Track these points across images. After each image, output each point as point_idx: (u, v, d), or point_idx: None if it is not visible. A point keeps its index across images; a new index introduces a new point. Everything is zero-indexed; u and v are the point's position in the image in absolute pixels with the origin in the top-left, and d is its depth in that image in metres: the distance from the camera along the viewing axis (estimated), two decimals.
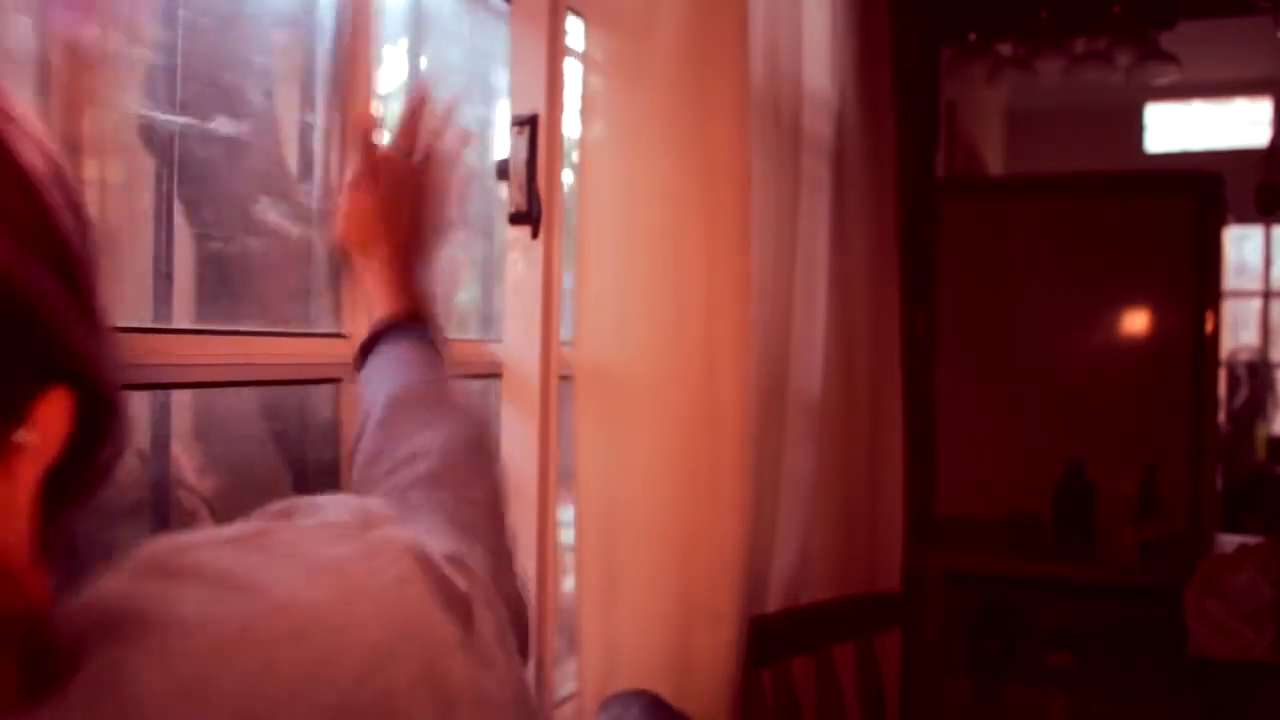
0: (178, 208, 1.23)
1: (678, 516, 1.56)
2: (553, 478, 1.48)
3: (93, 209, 1.07)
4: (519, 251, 1.47)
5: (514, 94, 1.47)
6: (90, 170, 1.06)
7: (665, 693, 1.50)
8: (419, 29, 1.78)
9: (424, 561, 0.49)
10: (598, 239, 1.49)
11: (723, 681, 1.64)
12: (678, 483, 1.56)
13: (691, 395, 1.57)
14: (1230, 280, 5.78)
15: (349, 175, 1.05)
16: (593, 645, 1.51)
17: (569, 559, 1.84)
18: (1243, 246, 6.28)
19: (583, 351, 1.51)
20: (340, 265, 1.29)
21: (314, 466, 1.36)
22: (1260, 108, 5.98)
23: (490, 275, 1.70)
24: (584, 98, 1.50)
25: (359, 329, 1.23)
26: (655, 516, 1.54)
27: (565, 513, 1.68)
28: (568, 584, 1.90)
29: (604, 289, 1.50)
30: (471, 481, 0.83)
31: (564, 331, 1.54)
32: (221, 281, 1.25)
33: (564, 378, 1.53)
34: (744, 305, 1.64)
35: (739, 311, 1.64)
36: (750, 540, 1.70)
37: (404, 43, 1.80)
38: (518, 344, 1.47)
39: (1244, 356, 5.89)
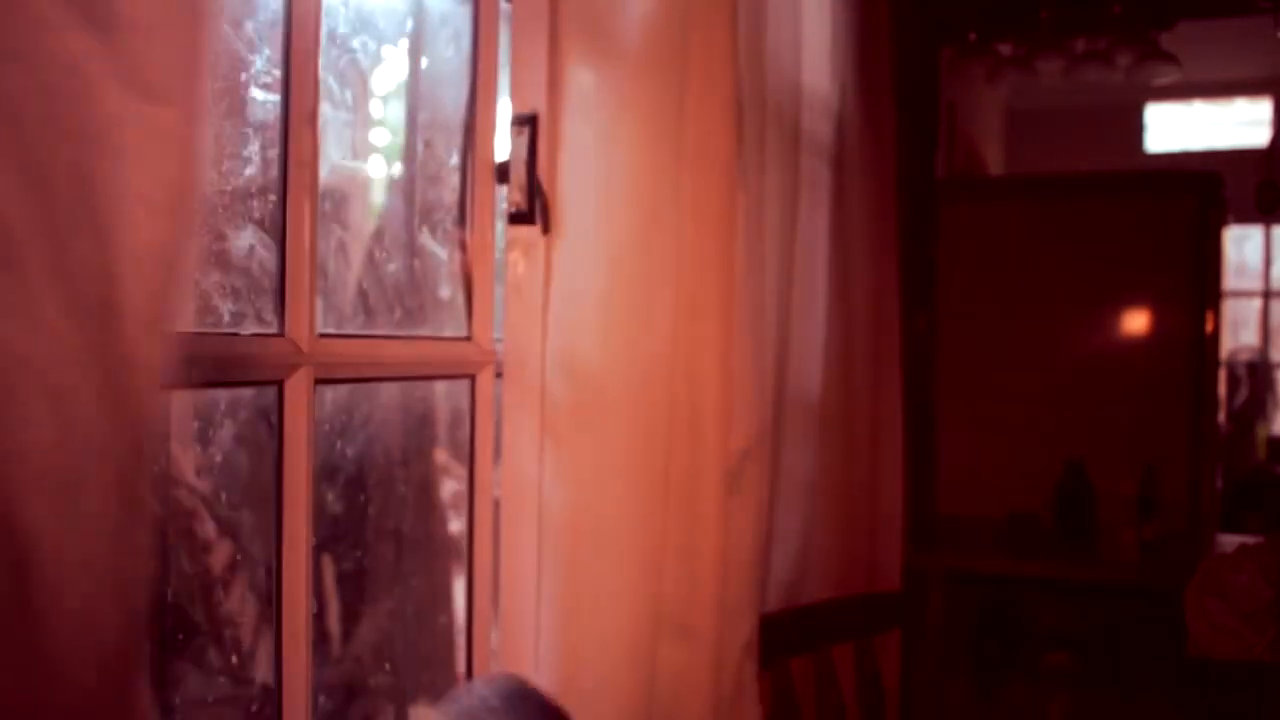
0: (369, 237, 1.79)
1: (647, 528, 1.47)
2: None
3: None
4: (519, 251, 1.47)
5: (514, 94, 1.47)
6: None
7: (634, 706, 1.44)
8: (419, 29, 1.78)
9: None
10: (566, 233, 1.44)
11: (695, 701, 1.55)
12: (646, 492, 1.47)
13: (664, 399, 1.49)
14: (1230, 280, 5.78)
15: None
16: (554, 659, 1.44)
17: None
18: (1243, 246, 6.28)
19: (550, 348, 1.45)
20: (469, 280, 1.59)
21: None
22: (1260, 108, 5.98)
23: None
24: (554, 69, 1.45)
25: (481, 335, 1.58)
26: (620, 527, 1.45)
27: None
28: None
29: (571, 286, 1.45)
30: None
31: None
32: (395, 294, 1.71)
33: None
34: (728, 304, 1.58)
35: (722, 311, 1.57)
36: (727, 553, 1.60)
37: (404, 43, 1.80)
38: (518, 343, 1.47)
39: (1244, 356, 5.89)
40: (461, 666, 1.71)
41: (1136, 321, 3.33)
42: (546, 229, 1.44)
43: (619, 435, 1.46)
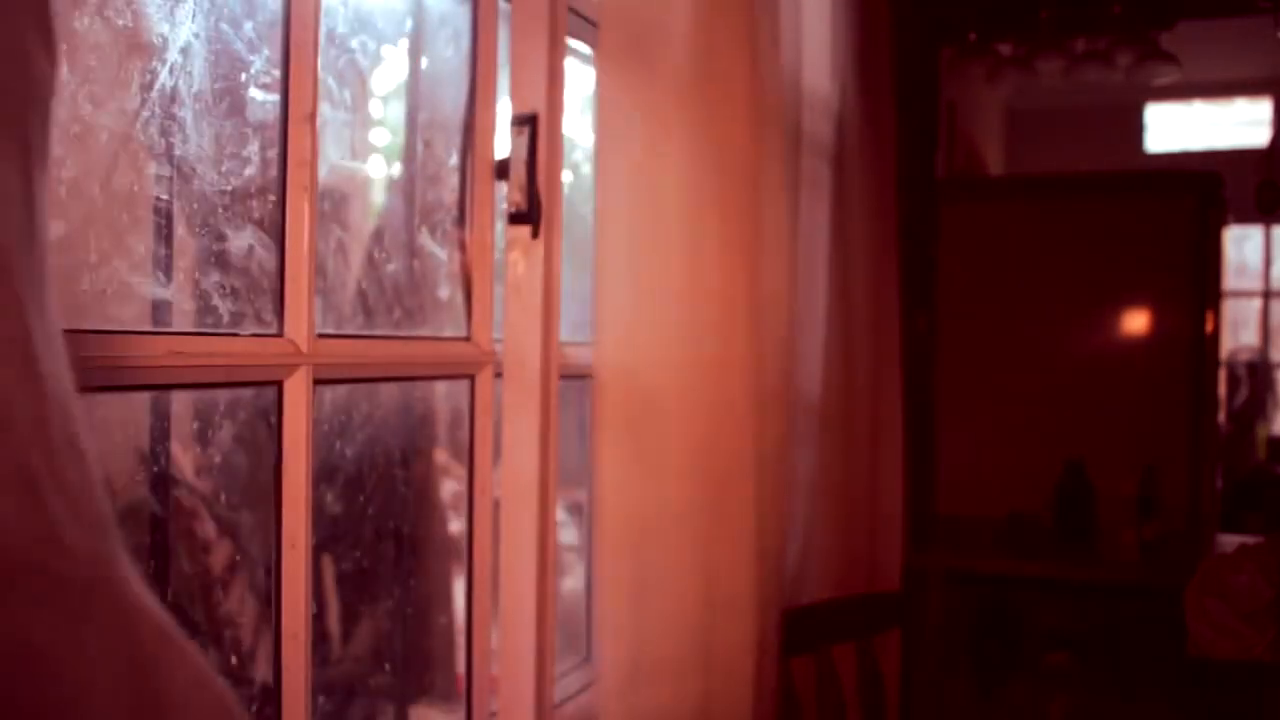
0: (368, 237, 1.79)
1: (704, 513, 1.57)
2: (552, 477, 1.49)
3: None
4: (519, 251, 1.47)
5: (514, 94, 1.47)
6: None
7: (690, 684, 1.53)
8: (419, 29, 1.78)
9: None
10: (615, 243, 1.48)
11: (749, 670, 1.66)
12: (703, 480, 1.57)
13: (716, 393, 1.58)
14: (1230, 280, 5.79)
15: None
16: (617, 643, 1.51)
17: (566, 558, 1.85)
18: (1243, 246, 6.28)
19: (603, 355, 1.50)
20: (468, 280, 1.60)
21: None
22: (1260, 108, 5.98)
23: None
24: (599, 101, 1.50)
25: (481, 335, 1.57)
26: (683, 514, 1.54)
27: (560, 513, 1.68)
28: (565, 584, 1.91)
29: (624, 293, 1.50)
30: None
31: (562, 331, 1.54)
32: (394, 294, 1.70)
33: (565, 377, 1.53)
34: (756, 302, 1.65)
35: (753, 308, 1.65)
36: (777, 533, 1.73)
37: (404, 43, 1.80)
38: (518, 343, 1.47)
39: (1244, 356, 5.89)
40: (461, 667, 1.72)
41: (1136, 321, 3.33)
42: (536, 233, 1.45)
43: (676, 431, 1.53)
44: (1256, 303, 6.34)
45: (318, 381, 1.29)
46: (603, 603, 1.51)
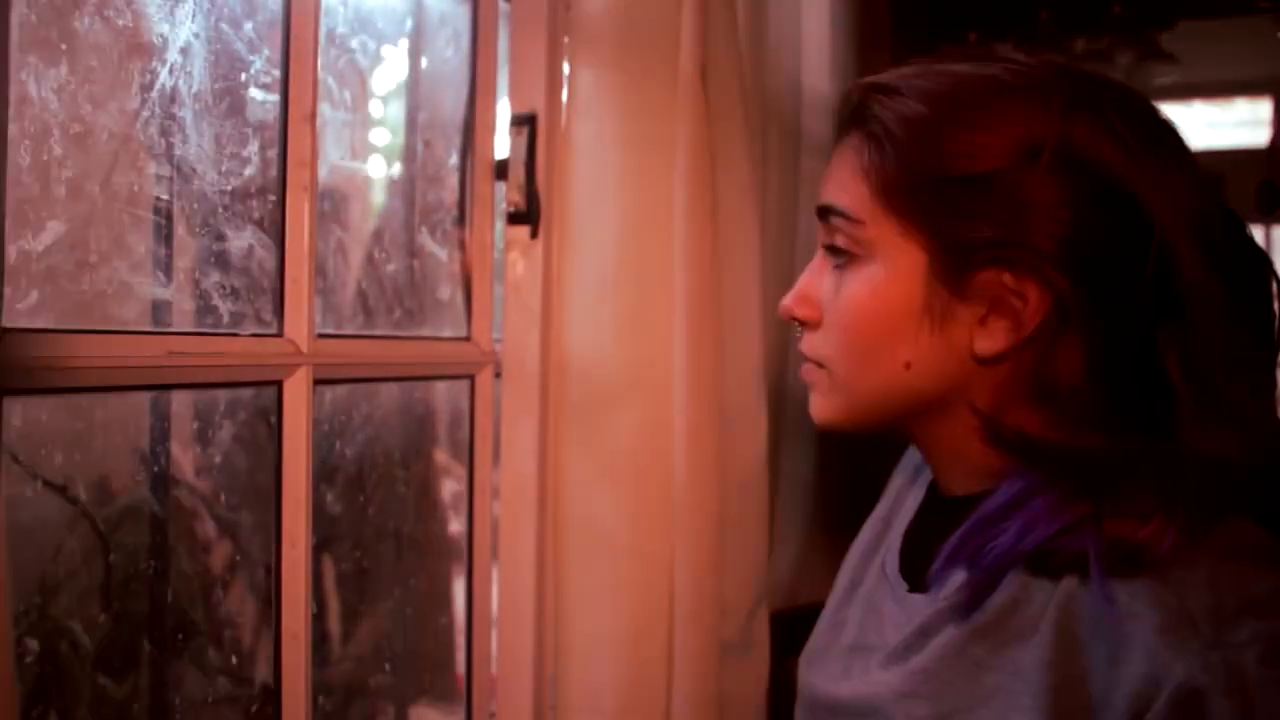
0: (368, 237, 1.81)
1: (646, 528, 1.47)
2: (551, 477, 1.48)
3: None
4: (518, 252, 1.47)
5: (513, 93, 1.47)
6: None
7: (645, 693, 1.45)
8: (419, 29, 1.78)
9: None
10: (579, 239, 1.45)
11: (706, 684, 1.54)
12: (655, 491, 1.47)
13: (665, 400, 1.48)
14: None
15: None
16: (567, 651, 1.46)
17: None
18: None
19: (559, 353, 1.46)
20: (468, 280, 1.60)
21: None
22: (1260, 108, 5.98)
23: None
24: (569, 94, 1.47)
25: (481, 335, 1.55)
26: (620, 527, 1.45)
27: None
28: None
29: (583, 287, 1.45)
30: None
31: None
32: (394, 294, 1.73)
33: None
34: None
35: (723, 310, 1.57)
36: (720, 556, 1.57)
37: (404, 43, 1.80)
38: (517, 344, 1.47)
39: None
40: (461, 667, 1.72)
41: None
42: (535, 233, 1.44)
43: (627, 435, 1.46)
44: None
45: (318, 381, 1.29)
46: (562, 609, 1.46)
